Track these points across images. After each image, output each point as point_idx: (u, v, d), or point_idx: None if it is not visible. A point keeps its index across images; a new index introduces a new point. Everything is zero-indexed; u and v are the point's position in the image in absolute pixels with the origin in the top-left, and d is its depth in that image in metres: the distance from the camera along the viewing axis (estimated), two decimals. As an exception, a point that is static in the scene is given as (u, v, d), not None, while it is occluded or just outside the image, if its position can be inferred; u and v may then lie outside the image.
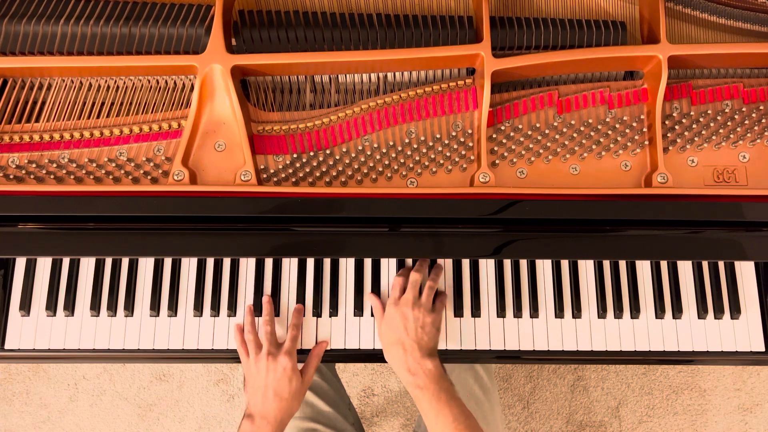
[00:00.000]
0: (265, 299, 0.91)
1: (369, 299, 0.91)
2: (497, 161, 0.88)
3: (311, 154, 0.87)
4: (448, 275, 0.94)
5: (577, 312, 0.93)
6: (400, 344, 0.84)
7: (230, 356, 0.92)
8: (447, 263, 0.95)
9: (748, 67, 0.92)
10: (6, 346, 0.90)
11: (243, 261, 0.93)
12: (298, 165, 0.86)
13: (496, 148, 0.88)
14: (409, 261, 0.94)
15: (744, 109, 0.90)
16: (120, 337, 0.91)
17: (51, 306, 0.91)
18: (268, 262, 0.94)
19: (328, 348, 0.92)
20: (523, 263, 0.95)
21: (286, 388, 0.84)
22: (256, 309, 0.92)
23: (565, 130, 0.88)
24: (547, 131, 0.88)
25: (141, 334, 0.91)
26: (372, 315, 0.92)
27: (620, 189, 0.85)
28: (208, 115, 0.87)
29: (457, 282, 0.94)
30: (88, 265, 0.93)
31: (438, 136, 0.87)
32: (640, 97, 0.90)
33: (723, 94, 0.91)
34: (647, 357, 0.93)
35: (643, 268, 0.95)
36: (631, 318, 0.93)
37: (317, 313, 0.92)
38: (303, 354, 0.91)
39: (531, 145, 0.88)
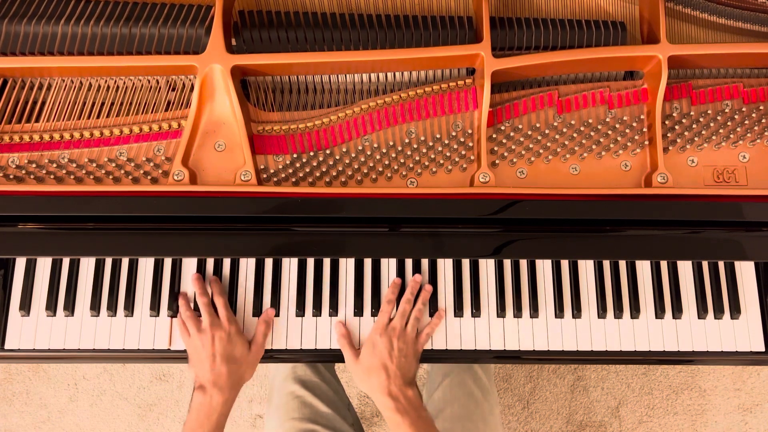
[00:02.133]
0: (194, 277, 0.91)
1: (339, 342, 0.91)
2: (497, 161, 0.88)
3: (311, 154, 0.87)
4: (448, 275, 0.94)
5: (577, 312, 0.93)
6: (383, 369, 0.84)
7: (230, 356, 0.92)
8: (447, 263, 0.95)
9: (748, 67, 0.92)
10: (6, 346, 0.90)
11: (243, 261, 0.93)
12: (298, 165, 0.86)
13: (496, 148, 0.88)
14: (408, 261, 0.94)
15: (744, 109, 0.90)
16: (120, 337, 0.91)
17: (51, 306, 0.90)
18: (268, 262, 0.94)
19: (329, 348, 0.92)
20: (523, 263, 0.95)
21: (234, 351, 0.85)
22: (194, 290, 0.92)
23: (565, 130, 0.88)
24: (547, 131, 0.88)
25: (141, 334, 0.91)
26: (372, 315, 0.92)
27: (620, 189, 0.85)
28: (208, 115, 0.87)
29: (457, 282, 0.93)
30: (88, 265, 0.92)
31: (438, 136, 0.87)
32: (640, 97, 0.90)
33: (723, 94, 0.91)
34: (647, 357, 0.93)
35: (643, 268, 0.95)
36: (631, 318, 0.93)
37: (317, 313, 0.92)
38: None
39: (531, 145, 0.88)
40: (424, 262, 0.94)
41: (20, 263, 0.92)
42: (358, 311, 0.92)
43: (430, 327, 0.91)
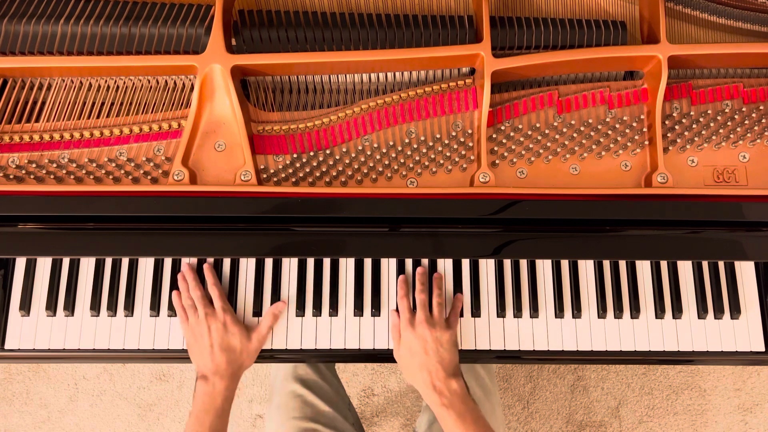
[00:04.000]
0: (185, 267, 0.91)
1: (391, 320, 0.91)
2: (497, 161, 0.88)
3: (311, 154, 0.87)
4: (448, 275, 0.94)
5: (577, 312, 0.93)
6: (424, 368, 0.84)
7: (230, 356, 0.92)
8: (447, 263, 0.95)
9: (748, 67, 0.92)
10: (6, 346, 0.90)
11: (243, 261, 0.93)
12: (298, 165, 0.86)
13: (496, 148, 0.88)
14: (408, 261, 0.94)
15: (744, 109, 0.90)
16: (120, 337, 0.91)
17: (51, 306, 0.90)
18: (268, 262, 0.94)
19: (329, 348, 0.91)
20: (523, 263, 0.95)
21: (231, 341, 0.86)
22: (182, 280, 0.92)
23: (565, 130, 0.88)
24: (547, 131, 0.88)
25: (141, 334, 0.91)
26: (372, 315, 0.92)
27: (620, 189, 0.85)
28: (208, 115, 0.87)
29: (457, 282, 0.93)
30: (88, 265, 0.92)
31: (438, 136, 0.87)
32: (640, 97, 0.90)
33: (723, 94, 0.91)
34: (647, 357, 0.93)
35: (643, 268, 0.95)
36: (631, 318, 0.93)
37: (317, 313, 0.92)
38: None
39: (531, 145, 0.88)
40: (424, 262, 0.94)
41: (20, 263, 0.92)
42: (358, 311, 0.92)
43: (454, 311, 0.90)
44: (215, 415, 0.83)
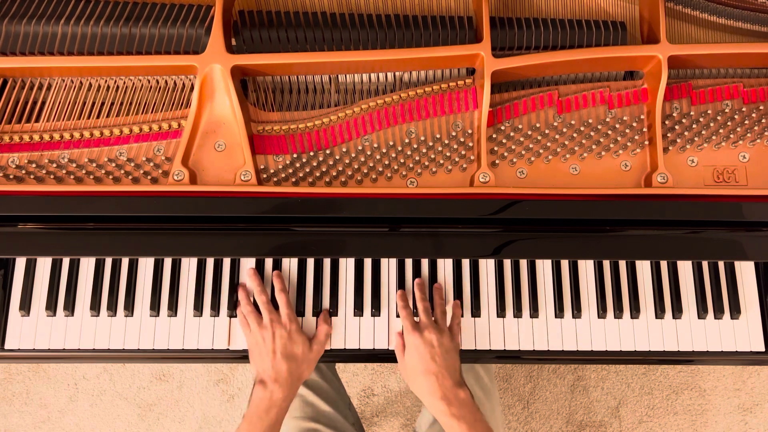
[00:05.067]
0: (250, 272, 0.91)
1: (393, 342, 0.91)
2: (497, 161, 0.88)
3: (311, 154, 0.87)
4: (448, 275, 0.94)
5: (577, 312, 0.93)
6: (430, 374, 0.82)
7: (230, 356, 0.92)
8: (447, 263, 0.95)
9: (748, 67, 0.92)
10: (6, 346, 0.90)
11: (243, 261, 0.93)
12: (298, 165, 0.86)
13: (496, 148, 0.88)
14: (408, 261, 0.94)
15: (744, 109, 0.90)
16: (120, 337, 0.91)
17: (51, 306, 0.91)
18: (268, 262, 0.94)
19: (328, 348, 0.92)
20: (523, 263, 0.95)
21: (295, 350, 0.85)
22: (244, 287, 0.92)
23: (565, 130, 0.88)
24: (547, 131, 0.88)
25: (141, 334, 0.91)
26: (372, 315, 0.92)
27: (620, 189, 0.85)
28: (208, 115, 0.87)
29: (457, 282, 0.94)
30: (88, 265, 0.92)
31: (438, 136, 0.87)
32: (640, 97, 0.90)
33: (723, 94, 0.91)
34: (647, 357, 0.93)
35: (643, 268, 0.95)
36: (631, 318, 0.93)
37: (317, 312, 0.92)
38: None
39: (531, 145, 0.88)
40: (424, 262, 0.94)
41: (20, 263, 0.92)
42: (358, 311, 0.92)
43: (456, 318, 0.90)
44: (268, 424, 0.82)
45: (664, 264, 0.95)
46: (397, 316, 0.92)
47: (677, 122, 0.90)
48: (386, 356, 0.92)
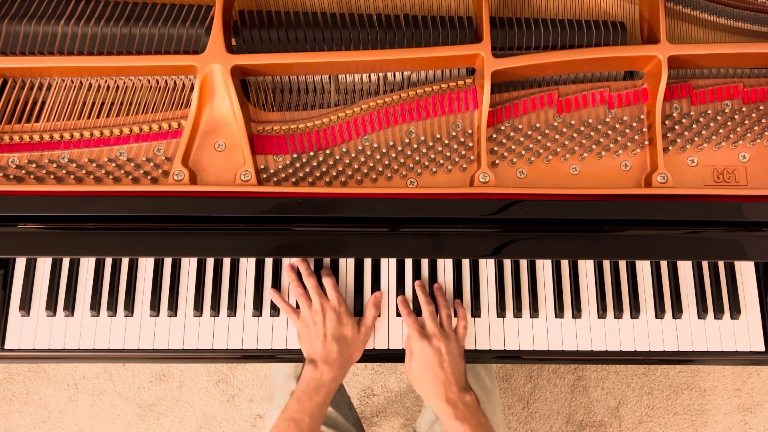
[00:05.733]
0: (297, 260, 0.92)
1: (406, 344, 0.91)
2: (497, 161, 0.88)
3: (311, 154, 0.87)
4: (448, 275, 0.94)
5: (577, 312, 0.93)
6: (438, 380, 0.84)
7: (230, 356, 0.92)
8: (447, 263, 0.95)
9: (748, 67, 0.92)
10: (6, 346, 0.90)
11: (243, 261, 0.93)
12: (298, 165, 0.86)
13: (496, 148, 0.88)
14: (408, 261, 0.94)
15: (744, 109, 0.90)
16: (120, 337, 0.91)
17: (51, 306, 0.91)
18: (268, 262, 0.94)
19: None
20: (523, 263, 0.95)
21: (345, 331, 0.87)
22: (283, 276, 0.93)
23: (565, 130, 0.88)
24: (547, 131, 0.88)
25: (141, 334, 0.91)
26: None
27: (620, 189, 0.85)
28: (208, 115, 0.87)
29: (457, 282, 0.94)
30: (88, 265, 0.93)
31: (438, 136, 0.87)
32: (640, 97, 0.90)
33: (723, 94, 0.91)
34: (647, 357, 0.93)
35: (643, 268, 0.95)
36: (631, 318, 0.93)
37: (317, 313, 0.92)
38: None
39: (531, 145, 0.88)
40: (424, 262, 0.94)
41: (20, 263, 0.92)
42: (358, 311, 0.92)
43: (462, 320, 0.91)
44: (317, 403, 0.83)
45: (664, 264, 0.95)
46: (397, 315, 0.92)
47: (677, 122, 0.90)
48: (386, 356, 0.92)
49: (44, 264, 0.92)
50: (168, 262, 0.93)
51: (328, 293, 0.89)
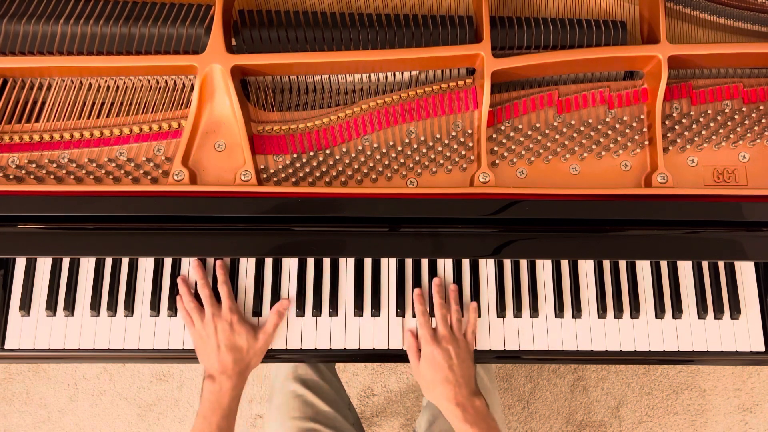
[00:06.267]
0: (194, 264, 0.91)
1: (406, 341, 0.91)
2: (497, 161, 0.88)
3: (311, 154, 0.87)
4: (448, 275, 0.94)
5: (577, 312, 0.93)
6: (448, 384, 0.83)
7: (230, 356, 0.92)
8: (447, 263, 0.94)
9: (748, 67, 0.92)
10: (6, 346, 0.90)
11: (243, 261, 0.93)
12: (298, 165, 0.86)
13: (496, 148, 0.88)
14: (408, 261, 0.94)
15: (744, 109, 0.90)
16: (120, 337, 0.91)
17: (51, 306, 0.90)
18: (268, 262, 0.94)
19: (329, 348, 0.91)
20: (523, 263, 0.95)
21: (238, 341, 0.86)
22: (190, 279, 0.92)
23: (565, 130, 0.88)
24: (547, 131, 0.88)
25: (141, 334, 0.91)
26: (372, 315, 0.92)
27: (620, 189, 0.85)
28: (208, 115, 0.87)
29: (457, 282, 0.93)
30: (88, 265, 0.92)
31: (438, 136, 0.87)
32: (640, 97, 0.90)
33: (723, 94, 0.91)
34: (647, 357, 0.93)
35: (643, 268, 0.95)
36: (631, 318, 0.93)
37: (317, 312, 0.92)
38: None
39: (531, 145, 0.88)
40: (424, 262, 0.94)
41: (20, 263, 0.92)
42: (358, 311, 0.92)
43: (472, 325, 0.90)
44: (222, 415, 0.84)
45: (664, 264, 0.95)
46: (397, 315, 0.92)
47: (677, 122, 0.90)
48: (386, 356, 0.92)
49: (44, 264, 0.92)
50: (168, 262, 0.93)
51: (222, 302, 0.88)
